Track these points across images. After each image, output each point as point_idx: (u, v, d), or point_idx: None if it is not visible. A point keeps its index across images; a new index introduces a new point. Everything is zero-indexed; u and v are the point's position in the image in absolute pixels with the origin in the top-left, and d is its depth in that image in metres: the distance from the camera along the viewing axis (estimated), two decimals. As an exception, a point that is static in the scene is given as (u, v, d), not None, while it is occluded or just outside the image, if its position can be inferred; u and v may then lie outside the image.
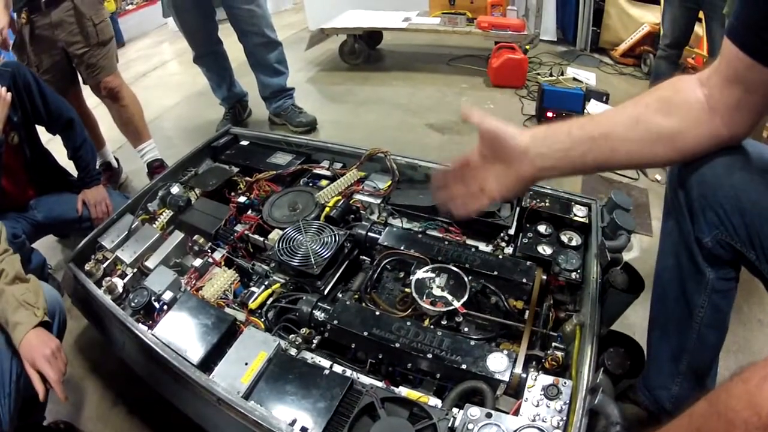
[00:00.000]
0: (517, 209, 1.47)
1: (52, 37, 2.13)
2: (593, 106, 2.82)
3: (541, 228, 1.38)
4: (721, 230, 0.90)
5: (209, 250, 1.52)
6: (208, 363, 1.16)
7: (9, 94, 1.65)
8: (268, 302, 1.33)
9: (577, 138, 0.87)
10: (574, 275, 1.24)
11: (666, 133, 0.84)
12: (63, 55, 2.22)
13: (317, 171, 1.79)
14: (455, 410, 0.99)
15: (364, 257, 1.46)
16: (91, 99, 2.51)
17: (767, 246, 0.84)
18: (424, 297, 1.20)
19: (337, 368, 1.14)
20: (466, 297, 1.19)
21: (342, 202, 1.57)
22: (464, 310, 1.18)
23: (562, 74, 3.41)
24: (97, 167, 2.09)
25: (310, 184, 1.73)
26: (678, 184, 0.97)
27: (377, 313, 1.20)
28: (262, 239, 1.49)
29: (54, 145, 2.07)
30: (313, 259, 1.33)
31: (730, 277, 0.99)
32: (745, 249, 0.89)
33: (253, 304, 1.31)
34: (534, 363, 1.08)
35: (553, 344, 1.09)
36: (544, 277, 1.27)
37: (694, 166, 0.93)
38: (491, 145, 0.91)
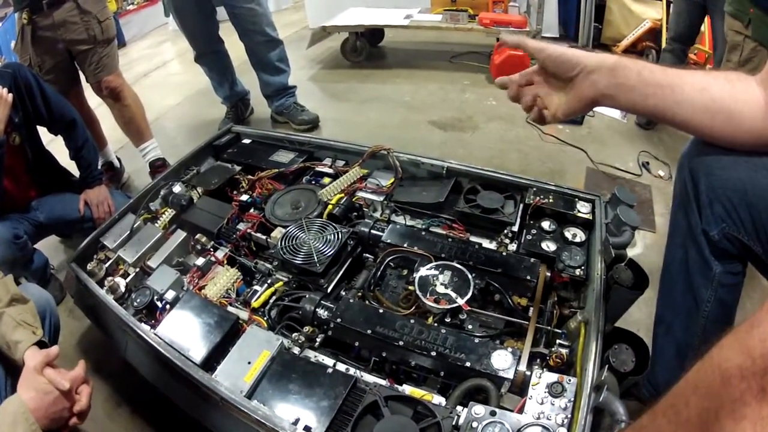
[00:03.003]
0: (521, 206, 1.46)
1: (55, 37, 2.13)
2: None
3: (545, 224, 1.38)
4: (728, 223, 0.90)
5: (212, 249, 1.52)
6: (211, 362, 1.15)
7: (10, 94, 1.65)
8: (271, 301, 1.32)
9: (646, 80, 0.88)
10: (578, 272, 1.23)
11: (727, 110, 0.84)
12: (65, 55, 2.22)
13: (320, 169, 1.78)
14: (459, 408, 0.98)
15: (367, 255, 1.46)
16: (93, 99, 2.51)
17: None
18: (428, 294, 1.20)
19: (341, 367, 1.13)
20: (470, 294, 1.18)
21: (345, 199, 1.57)
22: (468, 308, 1.17)
23: (564, 70, 3.38)
24: (99, 167, 2.09)
25: (313, 182, 1.73)
26: (686, 176, 0.96)
27: (381, 311, 1.20)
28: (264, 237, 1.49)
29: (56, 145, 2.07)
30: (316, 257, 1.33)
31: (736, 272, 0.99)
32: (752, 242, 0.89)
33: (255, 303, 1.31)
34: (538, 360, 1.08)
35: (558, 341, 1.08)
36: (548, 273, 1.26)
37: (703, 159, 0.92)
38: (555, 69, 0.95)
